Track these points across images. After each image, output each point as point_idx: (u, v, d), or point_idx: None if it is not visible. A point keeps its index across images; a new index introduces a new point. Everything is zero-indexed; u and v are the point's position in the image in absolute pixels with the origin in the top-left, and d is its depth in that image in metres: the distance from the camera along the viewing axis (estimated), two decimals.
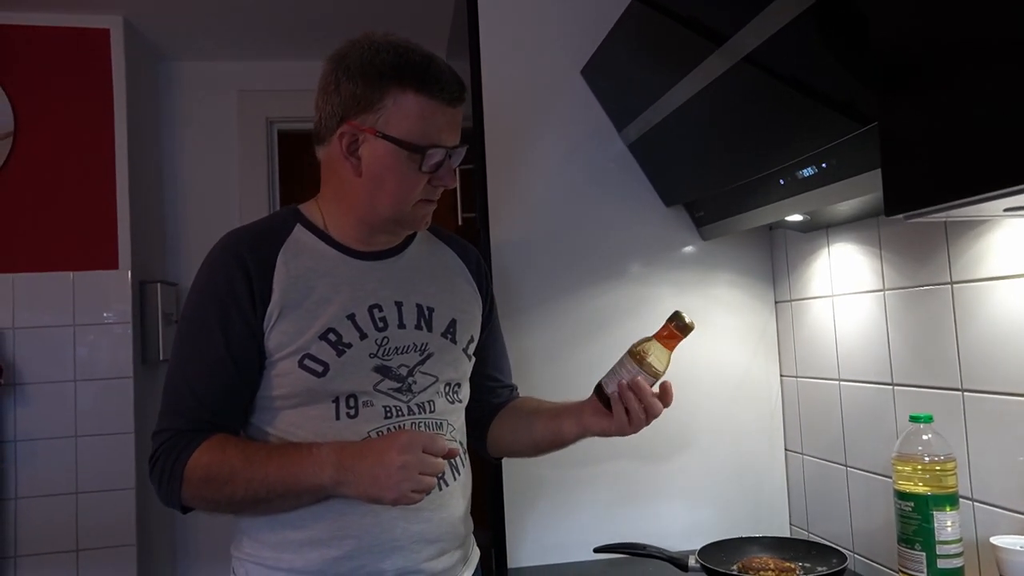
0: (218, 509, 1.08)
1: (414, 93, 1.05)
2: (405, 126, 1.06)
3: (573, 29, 1.63)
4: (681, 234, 1.65)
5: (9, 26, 2.36)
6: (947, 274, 1.17)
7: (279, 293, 1.07)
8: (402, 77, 1.06)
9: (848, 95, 0.95)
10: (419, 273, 1.19)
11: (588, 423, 1.16)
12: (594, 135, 1.63)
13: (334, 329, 1.08)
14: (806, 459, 1.59)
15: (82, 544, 2.26)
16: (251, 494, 1.03)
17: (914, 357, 1.25)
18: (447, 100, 1.07)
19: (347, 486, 1.01)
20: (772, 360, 1.67)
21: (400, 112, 1.06)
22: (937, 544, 1.07)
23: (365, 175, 1.09)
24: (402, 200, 1.10)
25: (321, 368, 1.06)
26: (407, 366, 1.11)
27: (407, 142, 1.06)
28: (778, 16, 0.96)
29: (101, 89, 2.41)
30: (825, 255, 1.49)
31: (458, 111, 1.10)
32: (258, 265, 1.08)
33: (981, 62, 0.68)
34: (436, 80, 1.06)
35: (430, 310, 1.16)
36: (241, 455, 1.04)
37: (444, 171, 1.10)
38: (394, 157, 1.07)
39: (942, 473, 1.08)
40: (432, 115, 1.07)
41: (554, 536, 1.56)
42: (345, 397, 1.08)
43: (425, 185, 1.10)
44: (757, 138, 1.21)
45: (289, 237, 1.12)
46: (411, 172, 1.08)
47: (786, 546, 1.44)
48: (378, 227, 1.14)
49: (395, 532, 1.08)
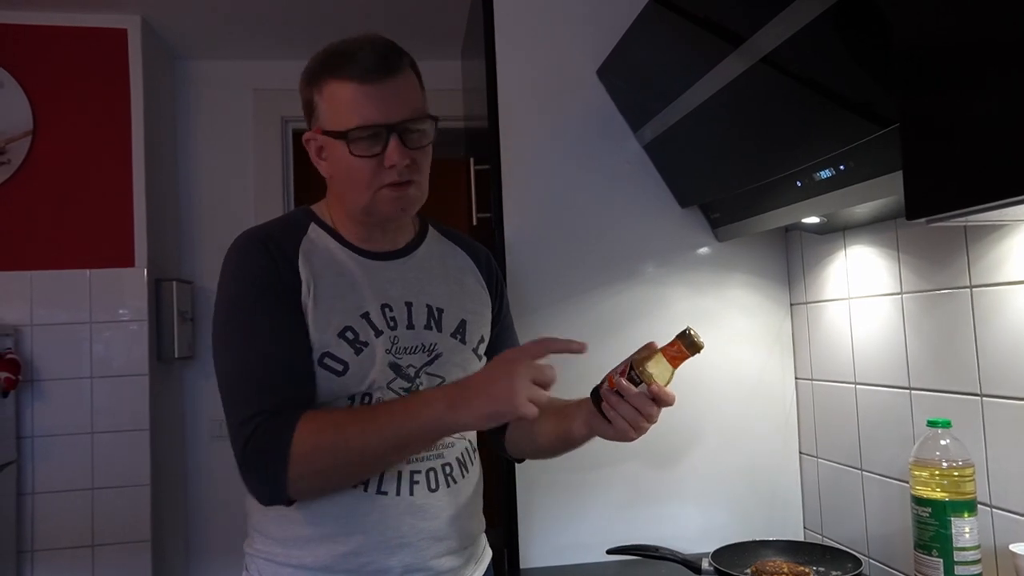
0: (328, 482, 1.04)
1: (333, 81, 1.07)
2: (332, 116, 1.08)
3: (589, 29, 1.62)
4: (696, 235, 1.65)
5: (28, 26, 2.38)
6: (966, 278, 1.15)
7: (304, 288, 1.08)
8: (322, 71, 1.08)
9: (868, 97, 0.94)
10: (429, 274, 1.19)
11: (594, 425, 1.14)
12: (609, 136, 1.63)
13: (351, 327, 1.08)
14: (821, 463, 1.58)
15: (98, 540, 2.28)
16: (365, 448, 1.00)
17: (932, 361, 1.24)
18: (361, 77, 1.05)
19: (462, 409, 0.98)
20: (787, 362, 1.66)
21: (326, 104, 1.08)
22: (955, 550, 1.06)
23: (332, 175, 1.13)
24: (359, 190, 1.09)
25: (341, 367, 1.06)
26: (415, 367, 1.12)
27: (333, 131, 1.07)
28: (797, 17, 0.95)
29: (118, 88, 2.43)
30: (842, 257, 1.48)
31: (385, 85, 1.06)
32: (283, 258, 1.09)
33: (1006, 63, 0.67)
34: (348, 60, 1.06)
35: (439, 311, 1.16)
36: (346, 415, 1.04)
37: (391, 151, 1.06)
38: (338, 150, 1.08)
39: (960, 479, 1.07)
40: (351, 96, 1.06)
41: (567, 537, 1.56)
42: (361, 396, 1.08)
43: (381, 169, 1.07)
44: (774, 139, 1.20)
45: (306, 235, 1.13)
46: (353, 160, 1.06)
47: (800, 550, 1.43)
48: (363, 222, 1.14)
49: (403, 529, 1.08)
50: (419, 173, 1.11)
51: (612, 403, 1.06)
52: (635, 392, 1.04)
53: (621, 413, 1.06)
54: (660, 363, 1.05)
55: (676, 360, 1.06)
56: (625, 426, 1.07)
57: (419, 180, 1.12)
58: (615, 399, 1.06)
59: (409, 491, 1.08)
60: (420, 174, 1.12)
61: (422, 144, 1.10)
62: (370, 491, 1.07)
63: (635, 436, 1.09)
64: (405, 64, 1.10)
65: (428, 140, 1.11)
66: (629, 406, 1.05)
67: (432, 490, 1.10)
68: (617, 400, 1.06)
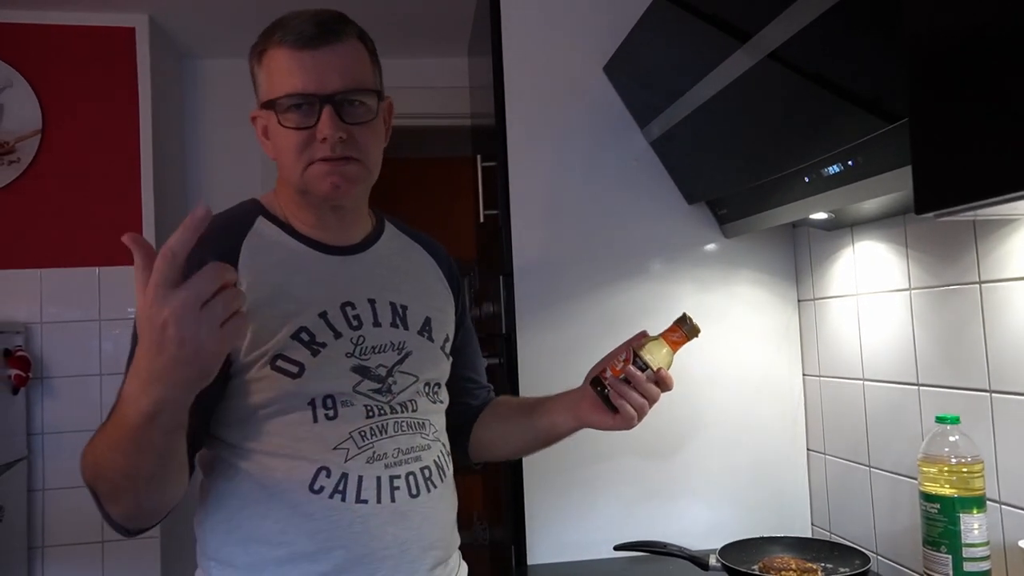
0: (124, 504, 0.90)
1: (270, 49, 1.02)
2: (267, 86, 1.02)
3: (595, 26, 1.62)
4: (703, 231, 1.64)
5: (37, 25, 2.40)
6: (975, 273, 1.15)
7: (245, 290, 0.89)
8: (261, 40, 1.03)
9: (876, 92, 0.94)
10: (390, 270, 1.12)
11: (586, 417, 1.12)
12: (616, 132, 1.62)
13: (306, 328, 1.00)
14: (828, 459, 1.58)
15: (107, 536, 2.30)
16: (113, 464, 0.85)
17: (941, 357, 1.24)
18: (294, 43, 0.99)
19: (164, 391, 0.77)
20: (795, 359, 1.66)
21: (264, 76, 1.03)
22: (964, 547, 1.05)
23: (274, 153, 1.06)
24: (290, 164, 1.02)
25: (296, 368, 0.98)
26: (385, 366, 1.04)
27: (265, 101, 1.02)
28: (805, 12, 0.95)
29: (127, 87, 2.44)
30: (850, 253, 1.47)
31: (321, 53, 0.99)
32: (219, 260, 0.96)
33: (1017, 56, 0.66)
34: (281, 28, 1.01)
35: (404, 308, 1.09)
36: (100, 431, 0.87)
37: (323, 122, 0.98)
38: (271, 122, 1.02)
39: (969, 475, 1.07)
40: (284, 63, 1.00)
41: (574, 533, 1.56)
42: (322, 398, 0.99)
43: (313, 142, 1.00)
44: (782, 135, 1.20)
45: (251, 230, 1.04)
46: (283, 131, 1.00)
47: (808, 546, 1.43)
48: (310, 207, 1.06)
49: (385, 540, 0.99)
50: (359, 150, 1.02)
51: (620, 391, 1.06)
52: (642, 378, 1.05)
53: (629, 400, 1.06)
54: (663, 348, 1.08)
55: (677, 345, 1.09)
56: (632, 412, 1.07)
57: (361, 159, 1.03)
58: (623, 387, 1.06)
59: (391, 497, 1.00)
60: (360, 152, 1.02)
61: (363, 119, 1.02)
62: (348, 500, 0.98)
63: (637, 423, 1.09)
64: (349, 33, 1.03)
65: (370, 116, 1.03)
66: (637, 393, 1.06)
67: (413, 495, 1.02)
68: (625, 388, 1.06)
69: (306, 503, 0.97)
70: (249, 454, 1.00)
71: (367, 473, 0.99)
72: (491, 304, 1.85)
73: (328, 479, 0.98)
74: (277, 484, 0.98)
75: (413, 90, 2.89)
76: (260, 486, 0.99)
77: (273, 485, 0.98)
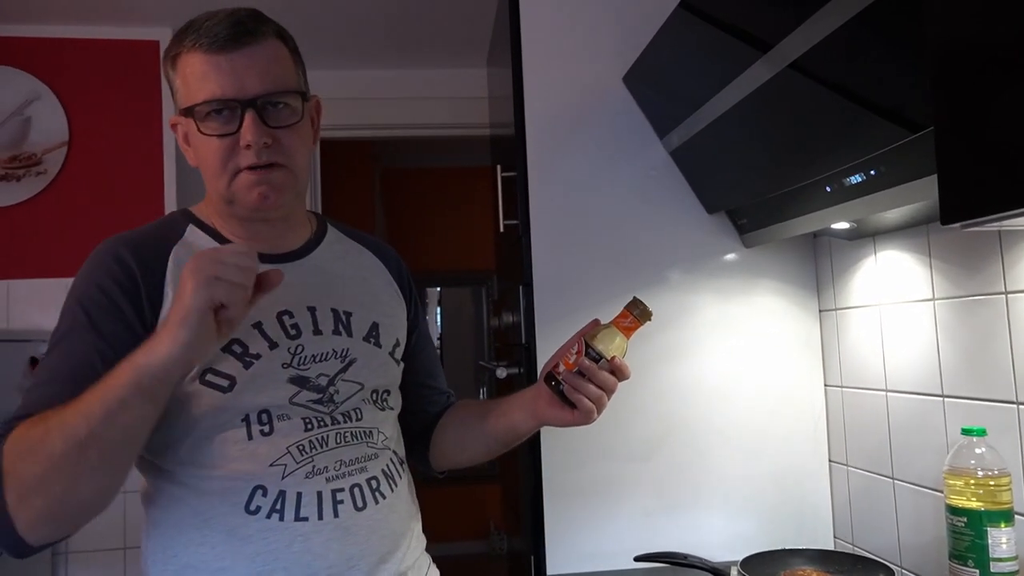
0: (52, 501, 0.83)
1: (184, 54, 0.96)
2: (184, 92, 0.98)
3: (615, 36, 1.63)
4: (723, 241, 1.64)
5: (64, 39, 2.45)
6: (1001, 283, 1.14)
7: (174, 298, 0.90)
8: (174, 44, 0.98)
9: (900, 101, 0.93)
10: (332, 276, 1.08)
11: (544, 415, 1.08)
12: (636, 142, 1.63)
13: (239, 340, 0.96)
14: (851, 471, 1.56)
15: (129, 543, 2.32)
16: (70, 432, 0.81)
17: (965, 368, 1.22)
18: (208, 46, 0.94)
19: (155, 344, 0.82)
20: (816, 369, 1.65)
21: (180, 82, 0.98)
22: (991, 561, 1.04)
23: (195, 161, 1.02)
24: (215, 174, 0.98)
25: (227, 383, 0.94)
26: (327, 375, 1.00)
27: (184, 108, 0.97)
28: (826, 22, 0.95)
29: (150, 99, 2.48)
30: (872, 263, 1.46)
31: (239, 55, 0.95)
32: (144, 268, 0.95)
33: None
34: (196, 31, 0.95)
35: (347, 314, 1.05)
36: (56, 408, 0.84)
37: (245, 128, 0.94)
38: (191, 129, 0.98)
39: (996, 488, 1.05)
40: (199, 68, 0.95)
41: (594, 544, 1.56)
42: (256, 413, 0.95)
43: (237, 150, 0.96)
44: (803, 145, 1.19)
45: (181, 239, 1.01)
46: (204, 140, 0.96)
47: (831, 559, 1.41)
48: (230, 214, 1.03)
49: (330, 557, 0.94)
50: (285, 155, 0.98)
51: (576, 384, 1.02)
52: (596, 369, 1.01)
53: (586, 393, 1.02)
54: (615, 336, 1.04)
55: (629, 331, 1.04)
56: (590, 406, 1.03)
57: (288, 164, 0.98)
58: (578, 380, 1.02)
59: (333, 512, 0.96)
60: (287, 156, 0.98)
61: (288, 122, 0.98)
62: (287, 519, 0.94)
63: (596, 417, 1.05)
64: (267, 32, 0.98)
65: (295, 118, 0.99)
66: (593, 385, 1.02)
67: (359, 508, 0.98)
68: (580, 381, 1.02)
69: (243, 526, 0.93)
70: (183, 479, 0.97)
71: (306, 489, 0.95)
72: (510, 314, 1.86)
73: (264, 498, 0.94)
74: (212, 508, 0.95)
75: (433, 100, 2.92)
76: (195, 511, 0.95)
77: (208, 509, 0.95)
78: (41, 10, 2.35)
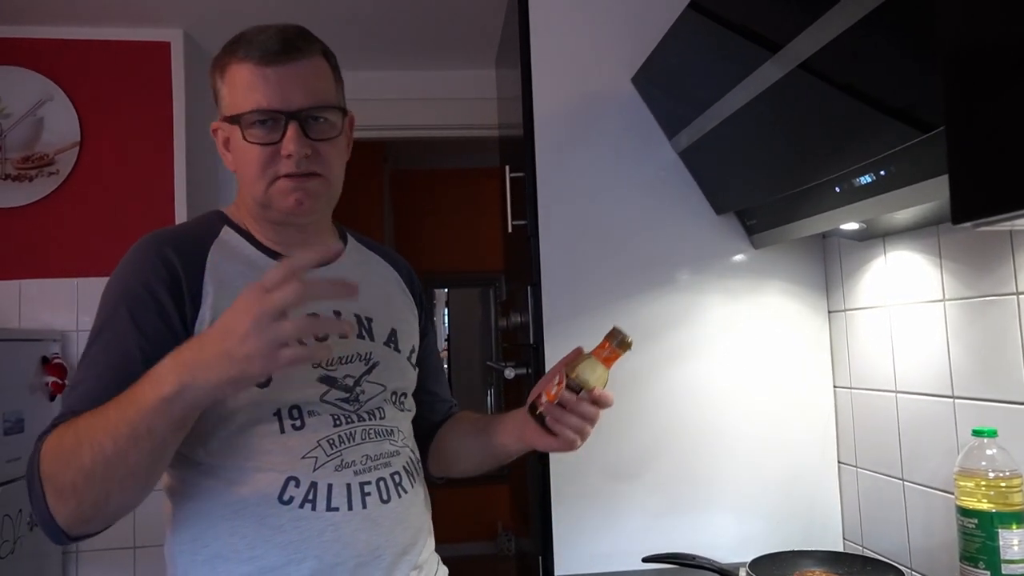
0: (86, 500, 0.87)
1: (233, 64, 1.01)
2: (230, 100, 1.02)
3: (623, 37, 1.63)
4: (732, 242, 1.64)
5: (77, 41, 2.46)
6: (1013, 284, 1.13)
7: (213, 297, 0.98)
8: (224, 54, 1.03)
9: (909, 101, 0.93)
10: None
11: (531, 440, 1.10)
12: (644, 142, 1.63)
13: None
14: (860, 472, 1.56)
15: (139, 541, 2.33)
16: (98, 449, 0.84)
17: (976, 369, 1.22)
18: (258, 59, 0.99)
19: (197, 381, 0.82)
20: (825, 371, 1.64)
21: (226, 90, 1.03)
22: (1003, 563, 1.04)
23: (235, 166, 1.06)
24: (253, 179, 1.02)
25: (265, 378, 0.95)
26: (353, 376, 1.05)
27: (229, 115, 1.02)
28: (837, 22, 0.95)
29: (162, 100, 2.50)
30: (881, 264, 1.46)
31: (286, 69, 0.99)
32: (186, 266, 0.99)
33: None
34: (247, 44, 1.00)
35: (369, 320, 1.10)
36: (88, 414, 0.87)
37: (288, 139, 0.99)
38: (235, 136, 1.02)
39: (1007, 490, 1.05)
40: (248, 79, 1.00)
41: (602, 544, 1.56)
42: (288, 408, 0.99)
43: (278, 158, 1.00)
44: (812, 145, 1.19)
45: (217, 239, 1.05)
46: (247, 147, 1.01)
47: (840, 561, 1.41)
48: (271, 222, 1.07)
49: (358, 546, 0.98)
50: (323, 166, 1.03)
51: (557, 416, 1.04)
52: (576, 401, 1.03)
53: (567, 424, 1.04)
54: (596, 367, 1.04)
55: (609, 361, 1.05)
56: (573, 436, 1.05)
57: (325, 175, 1.04)
58: (559, 412, 1.04)
59: (362, 504, 1.00)
60: (325, 167, 1.03)
61: (327, 136, 1.03)
62: (319, 509, 0.97)
63: (580, 444, 1.07)
64: (313, 50, 1.03)
65: (335, 132, 1.04)
66: (574, 416, 1.03)
67: (384, 501, 1.02)
68: (561, 412, 1.03)
69: (275, 515, 0.96)
70: (215, 470, 0.99)
71: (336, 481, 0.99)
72: (519, 315, 1.86)
73: (298, 489, 0.97)
74: (244, 499, 0.97)
75: (441, 101, 2.93)
76: (226, 502, 0.98)
77: (240, 500, 0.97)
78: (53, 12, 2.37)
